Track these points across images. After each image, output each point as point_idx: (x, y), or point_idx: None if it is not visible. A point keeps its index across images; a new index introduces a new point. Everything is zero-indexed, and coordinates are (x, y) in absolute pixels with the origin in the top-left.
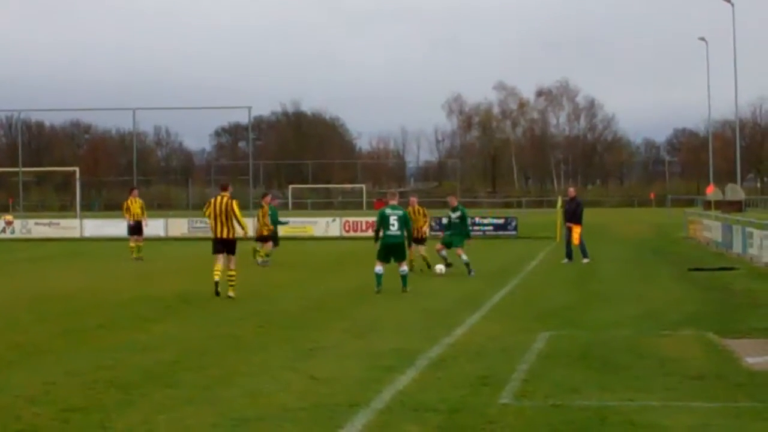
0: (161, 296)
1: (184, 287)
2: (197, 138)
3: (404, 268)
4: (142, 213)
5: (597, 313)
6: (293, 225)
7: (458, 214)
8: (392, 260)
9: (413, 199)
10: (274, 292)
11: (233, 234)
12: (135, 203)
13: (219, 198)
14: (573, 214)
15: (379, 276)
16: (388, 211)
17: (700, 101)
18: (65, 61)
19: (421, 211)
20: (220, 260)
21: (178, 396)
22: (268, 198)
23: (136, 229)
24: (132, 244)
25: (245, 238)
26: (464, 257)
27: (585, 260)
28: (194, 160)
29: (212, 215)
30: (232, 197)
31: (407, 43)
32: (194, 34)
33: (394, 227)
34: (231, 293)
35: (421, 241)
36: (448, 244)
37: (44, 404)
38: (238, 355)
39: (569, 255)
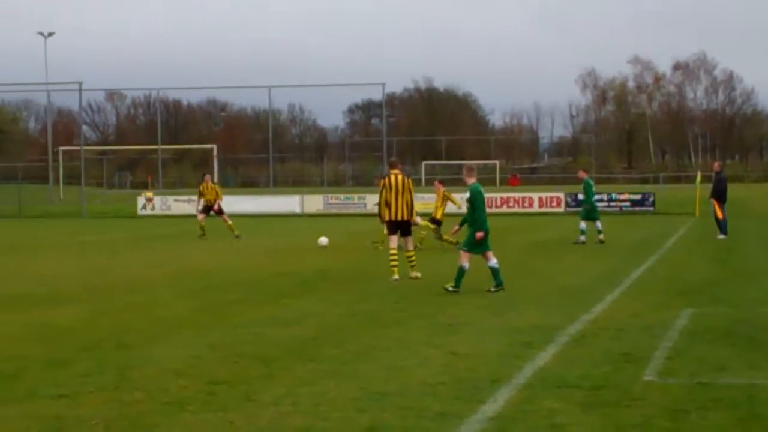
0: (298, 272)
1: (321, 264)
2: (331, 115)
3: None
4: (218, 196)
5: (741, 289)
6: (426, 201)
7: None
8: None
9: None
10: (407, 269)
11: (412, 214)
12: (210, 189)
13: (393, 177)
14: (714, 189)
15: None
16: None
17: None
18: (201, 40)
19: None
20: (394, 242)
21: (319, 370)
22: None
23: (210, 209)
24: (202, 223)
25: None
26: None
27: (720, 236)
28: (328, 137)
29: (390, 195)
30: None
31: (540, 16)
32: (327, 12)
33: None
34: (417, 273)
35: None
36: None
37: (190, 377)
38: (376, 331)
39: (722, 229)
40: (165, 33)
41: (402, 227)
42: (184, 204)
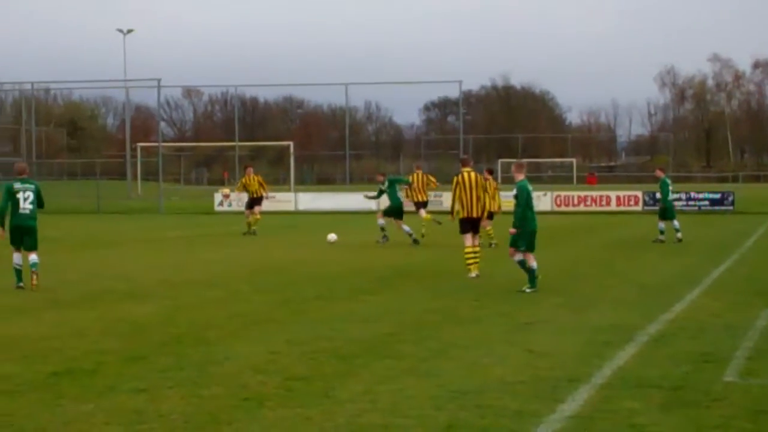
0: (376, 269)
1: (398, 260)
2: (407, 113)
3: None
4: (262, 188)
5: None
6: (504, 199)
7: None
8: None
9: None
10: (487, 267)
11: (484, 212)
12: (253, 180)
13: (466, 174)
14: None
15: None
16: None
17: None
18: (279, 37)
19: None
20: (469, 240)
21: (397, 367)
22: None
23: (255, 201)
24: (249, 219)
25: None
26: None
27: None
28: (404, 135)
29: (465, 193)
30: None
31: (618, 13)
32: (404, 10)
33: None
34: (477, 272)
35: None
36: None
37: (269, 373)
38: (454, 328)
39: None
40: (242, 30)
41: (476, 224)
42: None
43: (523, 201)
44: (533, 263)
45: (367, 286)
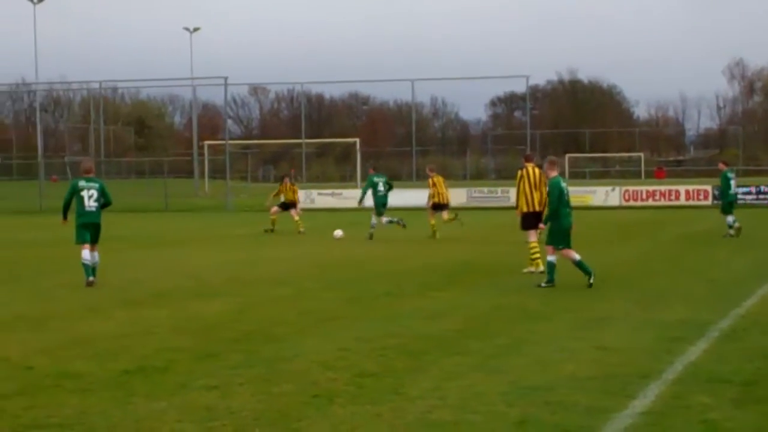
0: (444, 265)
1: (467, 256)
2: (473, 108)
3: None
4: (295, 198)
5: None
6: (572, 194)
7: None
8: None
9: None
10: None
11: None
12: (288, 189)
13: (530, 169)
14: None
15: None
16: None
17: None
18: (344, 33)
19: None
20: (533, 235)
21: (466, 363)
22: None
23: (291, 205)
24: (274, 217)
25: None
26: None
27: None
28: (470, 130)
29: (528, 188)
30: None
31: (686, 6)
32: (471, 4)
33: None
34: (532, 268)
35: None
36: None
37: (339, 369)
38: (523, 324)
39: None
40: (307, 27)
41: (537, 219)
42: (328, 197)
43: (555, 198)
44: (552, 258)
45: (435, 282)
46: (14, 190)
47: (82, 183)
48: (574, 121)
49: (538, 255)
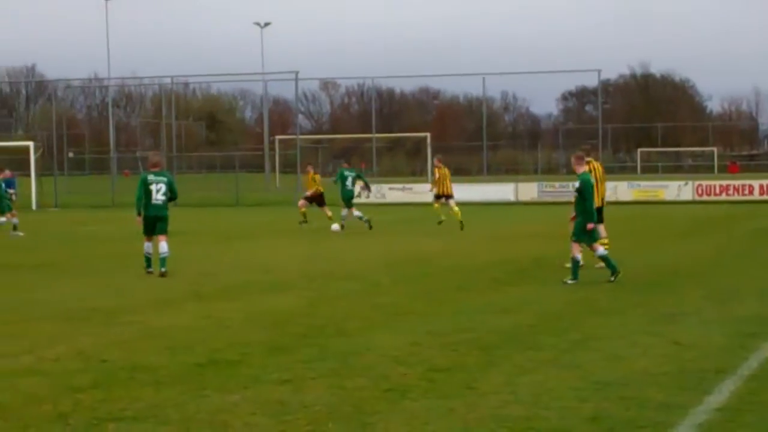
0: (515, 260)
1: (537, 251)
2: (544, 102)
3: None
4: (316, 186)
5: None
6: (643, 188)
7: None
8: None
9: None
10: (625, 257)
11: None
12: (310, 180)
13: (596, 164)
14: None
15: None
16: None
17: None
18: (414, 28)
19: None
20: (604, 231)
21: (538, 358)
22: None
23: (314, 200)
24: (304, 209)
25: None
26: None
27: None
28: (541, 125)
29: (596, 183)
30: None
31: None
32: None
33: None
34: (600, 264)
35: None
36: None
37: (410, 364)
38: (595, 319)
39: None
40: (378, 22)
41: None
42: (399, 192)
43: (588, 194)
44: (578, 254)
45: (506, 277)
46: (87, 185)
47: (150, 177)
48: (646, 115)
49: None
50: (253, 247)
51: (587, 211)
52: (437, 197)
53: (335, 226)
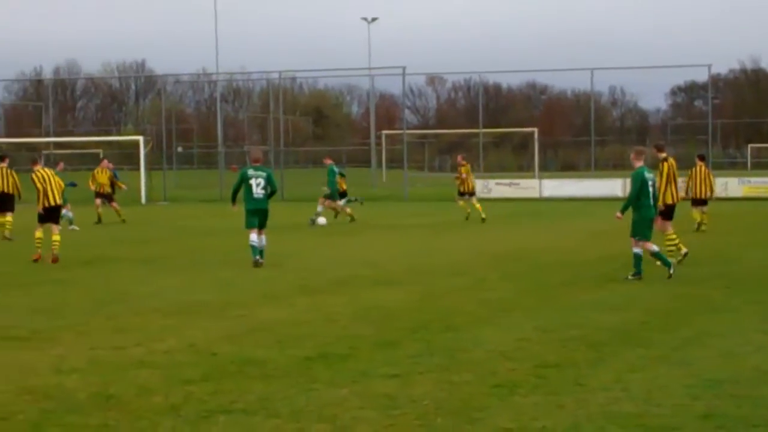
0: (622, 255)
1: None
2: (653, 97)
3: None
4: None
5: None
6: (754, 185)
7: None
8: None
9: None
10: (739, 253)
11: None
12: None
13: (672, 160)
14: None
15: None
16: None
17: None
18: (521, 22)
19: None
20: (670, 227)
21: (648, 355)
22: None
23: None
24: (349, 209)
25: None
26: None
27: None
28: (649, 120)
29: (671, 178)
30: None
31: None
32: None
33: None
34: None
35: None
36: None
37: (518, 360)
38: (706, 316)
39: None
40: (485, 16)
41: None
42: (506, 187)
43: (637, 189)
44: (638, 249)
45: (614, 273)
46: (195, 179)
47: (250, 171)
48: (756, 110)
49: (674, 246)
50: (360, 242)
51: (642, 206)
52: (461, 194)
53: (322, 220)
